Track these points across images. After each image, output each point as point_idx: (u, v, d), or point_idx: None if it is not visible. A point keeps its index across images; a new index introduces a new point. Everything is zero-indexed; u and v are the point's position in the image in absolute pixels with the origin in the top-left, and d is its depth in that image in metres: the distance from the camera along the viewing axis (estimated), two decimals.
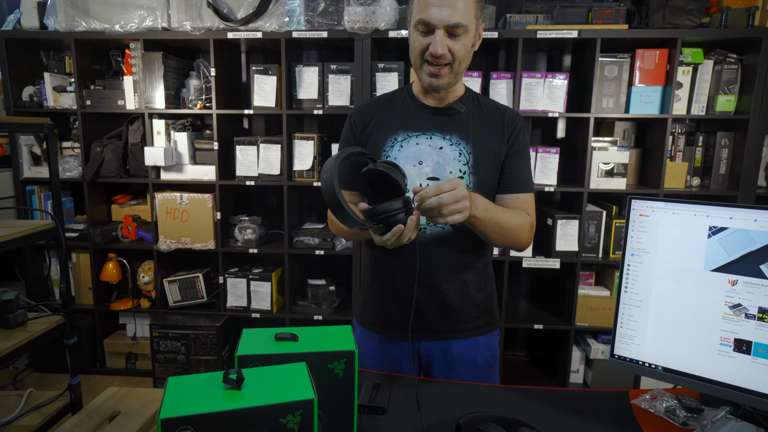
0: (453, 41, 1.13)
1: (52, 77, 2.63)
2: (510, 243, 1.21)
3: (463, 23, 1.11)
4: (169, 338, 2.58)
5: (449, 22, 1.10)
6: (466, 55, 1.17)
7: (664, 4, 2.19)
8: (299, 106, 2.53)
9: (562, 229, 2.46)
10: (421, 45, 1.15)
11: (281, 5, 2.35)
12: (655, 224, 1.00)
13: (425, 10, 1.11)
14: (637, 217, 1.03)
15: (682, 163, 2.45)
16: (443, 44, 1.11)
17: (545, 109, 2.40)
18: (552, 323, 2.59)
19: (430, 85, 1.17)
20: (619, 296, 1.06)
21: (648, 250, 1.01)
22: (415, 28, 1.16)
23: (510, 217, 1.18)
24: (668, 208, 0.99)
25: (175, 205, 2.58)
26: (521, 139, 1.26)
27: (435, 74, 1.15)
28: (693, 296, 0.96)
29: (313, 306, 2.68)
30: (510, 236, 1.19)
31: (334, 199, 0.92)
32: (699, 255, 0.95)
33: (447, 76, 1.16)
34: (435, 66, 1.14)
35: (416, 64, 1.19)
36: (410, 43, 1.19)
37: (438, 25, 1.10)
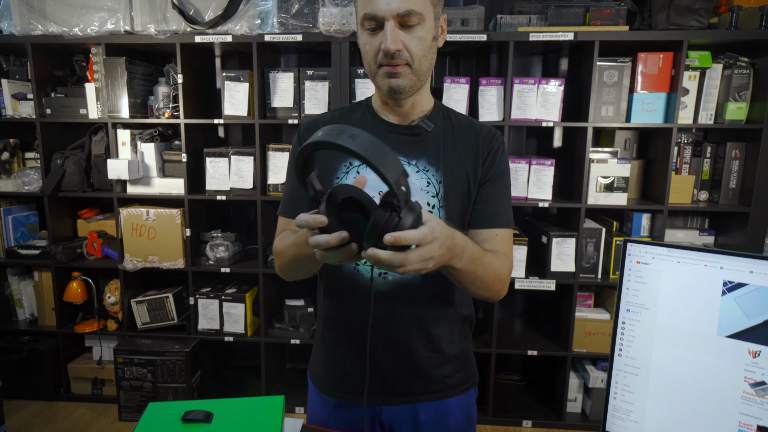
0: (408, 34, 0.93)
1: (11, 84, 2.46)
2: (487, 295, 1.01)
3: (417, 10, 0.92)
4: (134, 364, 2.40)
5: (399, 10, 0.91)
6: (427, 51, 0.97)
7: (669, 4, 1.99)
8: (273, 115, 2.35)
9: (558, 247, 2.26)
10: (373, 46, 0.95)
11: (252, 6, 2.17)
12: (656, 274, 0.81)
13: (369, 3, 0.92)
14: (634, 265, 0.83)
15: (688, 176, 2.25)
16: (396, 38, 0.92)
17: (539, 118, 2.21)
18: (547, 348, 2.39)
19: (390, 89, 0.97)
20: (612, 359, 0.86)
21: (647, 305, 0.82)
22: (362, 27, 0.97)
23: (495, 267, 0.97)
24: (672, 255, 0.79)
25: (141, 222, 2.40)
26: (499, 163, 1.07)
27: (393, 74, 0.95)
28: (704, 367, 0.76)
29: (291, 329, 2.49)
30: (488, 287, 0.98)
31: (377, 144, 0.67)
32: (711, 316, 0.76)
33: (408, 77, 0.96)
34: (391, 65, 0.95)
35: (371, 71, 0.99)
36: (361, 48, 1.00)
37: (386, 16, 0.91)
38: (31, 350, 2.52)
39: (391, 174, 0.65)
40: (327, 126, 0.71)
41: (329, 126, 0.71)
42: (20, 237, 2.63)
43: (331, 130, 0.69)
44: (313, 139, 0.70)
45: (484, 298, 1.02)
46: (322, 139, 0.68)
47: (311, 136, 0.71)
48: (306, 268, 1.01)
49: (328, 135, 0.68)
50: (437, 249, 0.75)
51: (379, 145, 0.67)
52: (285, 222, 1.11)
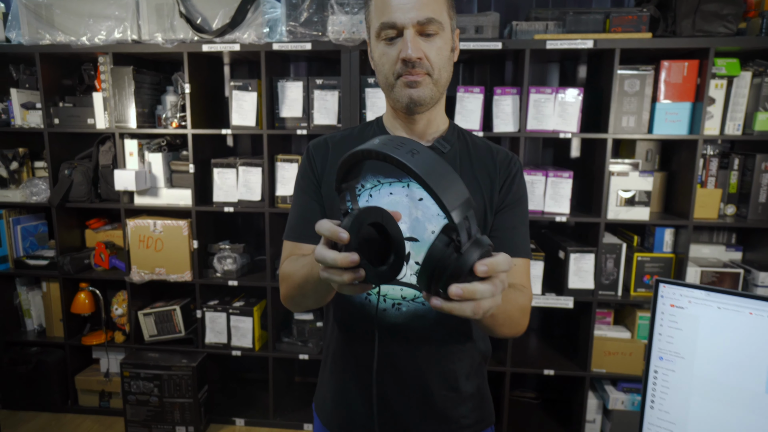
0: (427, 43, 0.89)
1: (20, 93, 2.44)
2: (510, 333, 0.94)
3: (437, 18, 0.88)
4: (141, 378, 2.36)
5: (419, 17, 0.87)
6: (446, 62, 0.92)
7: (695, 9, 1.89)
8: (282, 125, 2.29)
9: (576, 263, 2.17)
10: (390, 57, 0.90)
11: (260, 14, 2.12)
12: (692, 320, 0.73)
13: (387, 11, 0.88)
14: (667, 308, 0.75)
15: (714, 189, 2.14)
16: (417, 46, 0.87)
17: (556, 129, 2.12)
18: (565, 368, 2.30)
19: (410, 100, 0.91)
20: (643, 412, 0.78)
21: (683, 354, 0.74)
22: (377, 38, 0.91)
23: (520, 303, 0.91)
24: (712, 300, 0.71)
25: (149, 233, 2.37)
26: (517, 189, 0.99)
27: (413, 83, 0.89)
28: (749, 428, 0.68)
29: (299, 343, 2.43)
30: (514, 326, 0.92)
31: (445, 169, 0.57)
32: (758, 371, 0.67)
33: (428, 87, 0.91)
34: (412, 74, 0.89)
35: (388, 84, 0.93)
36: (375, 61, 0.94)
37: (406, 24, 0.87)
38: (38, 362, 2.50)
39: (451, 201, 0.55)
40: (386, 136, 0.64)
41: (388, 136, 0.64)
42: (29, 247, 2.61)
43: (390, 141, 0.61)
44: (367, 147, 0.62)
45: (505, 336, 0.95)
46: (377, 148, 0.60)
47: (365, 144, 0.64)
48: (317, 295, 0.90)
49: (384, 145, 0.60)
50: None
51: (441, 166, 0.58)
52: (292, 246, 1.04)
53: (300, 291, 0.92)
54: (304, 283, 0.88)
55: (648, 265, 2.20)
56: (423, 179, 0.55)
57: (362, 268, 0.64)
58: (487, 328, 0.90)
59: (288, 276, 0.95)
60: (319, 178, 1.02)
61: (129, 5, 2.17)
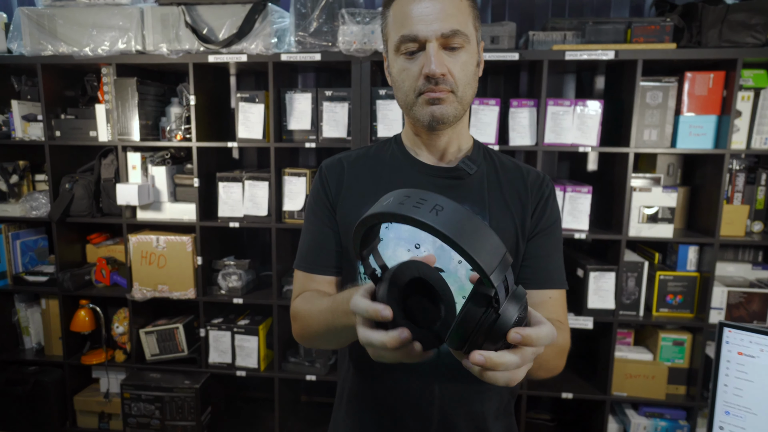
0: (452, 58, 0.81)
1: (21, 105, 2.37)
2: (547, 375, 0.87)
3: (462, 31, 0.80)
4: (142, 400, 2.27)
5: (443, 30, 0.79)
6: (471, 78, 0.84)
7: (722, 19, 1.82)
8: (290, 138, 2.22)
9: (596, 282, 2.08)
10: (411, 73, 0.82)
11: (268, 24, 2.06)
12: (765, 371, 0.64)
13: (407, 23, 0.80)
14: (734, 357, 0.66)
15: (741, 206, 2.05)
16: (440, 61, 0.79)
17: (575, 143, 2.04)
18: (583, 391, 2.20)
19: (432, 118, 0.83)
20: None
21: (755, 410, 0.64)
22: (397, 52, 0.83)
23: (560, 344, 0.84)
24: None
25: (151, 249, 2.29)
26: (551, 213, 0.91)
27: (436, 100, 0.82)
28: None
29: (306, 364, 2.34)
30: (552, 368, 0.86)
31: (476, 223, 0.51)
32: None
33: (452, 104, 0.83)
34: (435, 91, 0.81)
35: (408, 102, 0.85)
36: (394, 77, 0.86)
37: (429, 37, 0.79)
38: (36, 382, 2.41)
39: (488, 261, 0.50)
40: (400, 190, 0.56)
41: (403, 191, 0.56)
42: (29, 262, 2.54)
43: (408, 199, 0.53)
44: (383, 209, 0.54)
45: (544, 378, 0.87)
46: (394, 210, 0.53)
47: (379, 204, 0.56)
48: (340, 341, 0.85)
49: (402, 205, 0.53)
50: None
51: (471, 222, 0.51)
52: (305, 278, 0.96)
53: (319, 336, 0.86)
54: (325, 331, 0.81)
55: (671, 284, 2.11)
56: (454, 241, 0.49)
57: (416, 340, 0.57)
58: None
59: (304, 318, 0.88)
60: (333, 202, 0.94)
61: (133, 15, 2.11)
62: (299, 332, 0.93)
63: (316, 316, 0.84)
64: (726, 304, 2.05)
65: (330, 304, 0.79)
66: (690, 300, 2.10)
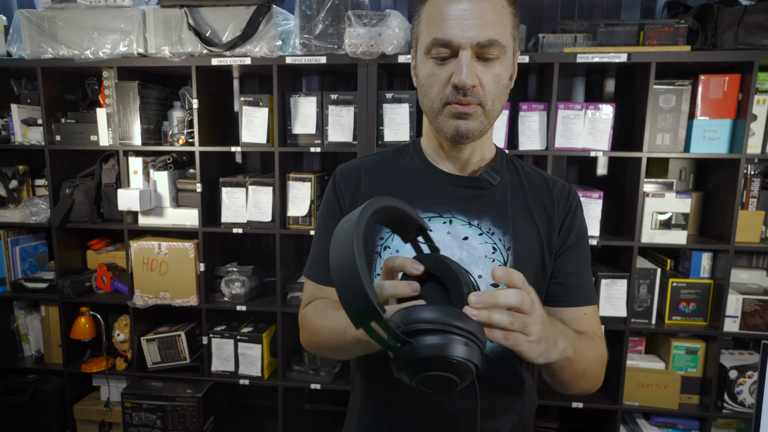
0: (485, 68, 0.75)
1: (21, 109, 2.33)
2: (589, 387, 0.84)
3: (499, 41, 0.74)
4: (143, 410, 2.22)
5: (480, 38, 0.73)
6: (502, 91, 0.78)
7: (738, 21, 1.77)
8: (294, 142, 2.18)
9: (607, 290, 2.03)
10: (440, 79, 0.76)
11: (273, 27, 2.01)
12: None
13: (442, 26, 0.74)
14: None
15: (757, 212, 2.01)
16: (472, 72, 0.73)
17: (586, 147, 2.00)
18: (594, 400, 2.16)
19: (456, 132, 0.78)
20: None
21: None
22: (427, 55, 0.77)
23: (594, 350, 0.81)
24: None
25: (153, 255, 2.24)
26: (579, 228, 0.87)
27: (463, 114, 0.76)
28: None
29: (311, 372, 2.29)
30: (594, 377, 0.83)
31: (351, 272, 0.51)
32: None
33: (479, 119, 0.78)
34: (462, 104, 0.76)
35: (433, 109, 0.80)
36: (421, 79, 0.80)
37: (464, 44, 0.73)
38: (35, 391, 2.36)
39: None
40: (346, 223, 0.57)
41: (343, 223, 0.57)
42: (28, 268, 2.50)
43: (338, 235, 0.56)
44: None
45: (583, 391, 0.84)
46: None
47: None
48: (350, 353, 0.81)
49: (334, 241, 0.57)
50: (533, 303, 0.62)
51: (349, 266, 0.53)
52: (315, 288, 0.92)
53: (330, 348, 0.83)
54: (337, 343, 0.78)
55: (684, 292, 2.06)
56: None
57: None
58: (564, 382, 0.79)
59: (315, 328, 0.85)
60: (346, 210, 0.90)
61: (135, 18, 2.07)
62: (308, 341, 0.90)
63: (328, 327, 0.81)
64: (741, 312, 2.00)
65: (344, 320, 0.75)
66: (703, 308, 2.06)
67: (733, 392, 2.02)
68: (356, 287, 0.50)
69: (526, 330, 0.60)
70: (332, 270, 0.53)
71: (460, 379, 0.56)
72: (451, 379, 0.55)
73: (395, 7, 2.38)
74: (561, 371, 0.75)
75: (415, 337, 0.53)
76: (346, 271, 0.51)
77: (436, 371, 0.54)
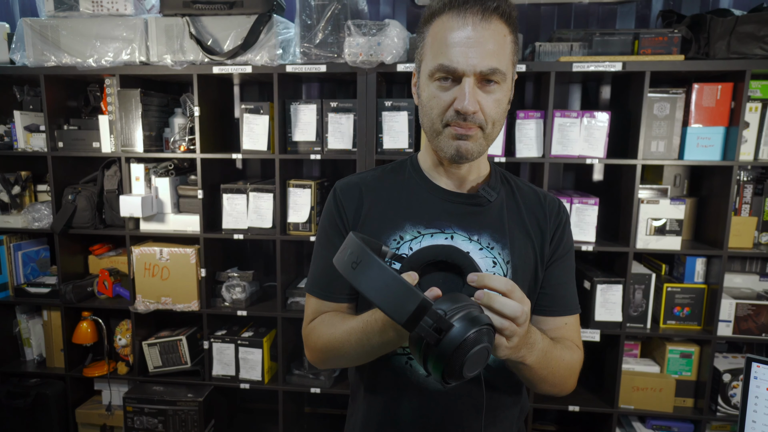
0: (486, 94, 0.79)
1: (24, 116, 2.36)
2: (555, 391, 0.86)
3: (501, 69, 0.77)
4: (144, 414, 2.25)
5: (483, 67, 0.76)
6: (502, 115, 0.82)
7: (730, 31, 1.81)
8: (294, 149, 2.21)
9: (603, 295, 2.07)
10: (442, 102, 0.80)
11: (273, 36, 2.04)
12: None
13: (446, 53, 0.77)
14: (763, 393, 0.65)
15: (749, 217, 2.04)
16: (474, 99, 0.77)
17: (582, 154, 2.03)
18: (590, 403, 2.19)
19: (457, 153, 0.82)
20: None
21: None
22: (430, 78, 0.81)
23: (567, 360, 0.84)
24: None
25: (154, 261, 2.27)
26: (567, 240, 0.91)
27: (463, 136, 0.80)
28: None
29: (311, 376, 2.32)
30: (559, 384, 0.85)
31: (391, 280, 0.62)
32: None
33: (479, 141, 0.81)
34: (463, 127, 0.79)
35: (434, 130, 0.83)
36: (423, 101, 0.83)
37: (468, 72, 0.76)
38: (37, 395, 2.38)
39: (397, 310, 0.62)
40: (352, 242, 0.69)
41: (351, 244, 0.69)
42: (30, 273, 2.52)
43: (350, 254, 0.67)
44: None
45: (548, 394, 0.87)
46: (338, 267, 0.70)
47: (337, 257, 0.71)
48: (369, 357, 0.85)
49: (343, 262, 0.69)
50: (526, 318, 0.69)
51: (382, 274, 0.63)
52: (317, 303, 0.94)
53: (346, 357, 0.87)
54: (357, 350, 0.82)
55: (678, 296, 2.09)
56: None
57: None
58: (528, 381, 0.84)
59: (328, 341, 0.87)
60: (349, 227, 0.92)
61: (137, 26, 2.09)
62: (319, 354, 0.91)
63: (341, 337, 0.84)
64: (734, 316, 2.03)
65: (361, 325, 0.80)
66: (698, 312, 2.09)
67: (727, 395, 2.05)
68: (403, 290, 0.60)
69: (511, 337, 0.67)
70: (366, 289, 0.61)
71: (491, 345, 0.65)
72: (489, 348, 0.64)
73: (394, 16, 2.41)
74: (518, 371, 0.80)
75: (454, 322, 0.61)
76: (383, 283, 0.60)
77: (479, 345, 0.61)
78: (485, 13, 0.76)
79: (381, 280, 0.60)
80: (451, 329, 0.60)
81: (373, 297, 0.60)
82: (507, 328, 0.66)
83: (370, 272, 0.61)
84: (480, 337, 0.61)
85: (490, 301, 0.65)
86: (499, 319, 0.66)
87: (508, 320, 0.66)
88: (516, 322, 0.66)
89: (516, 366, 0.78)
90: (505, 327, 0.66)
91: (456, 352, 0.60)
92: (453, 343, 0.60)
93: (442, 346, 0.60)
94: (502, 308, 0.65)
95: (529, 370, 0.78)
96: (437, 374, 0.62)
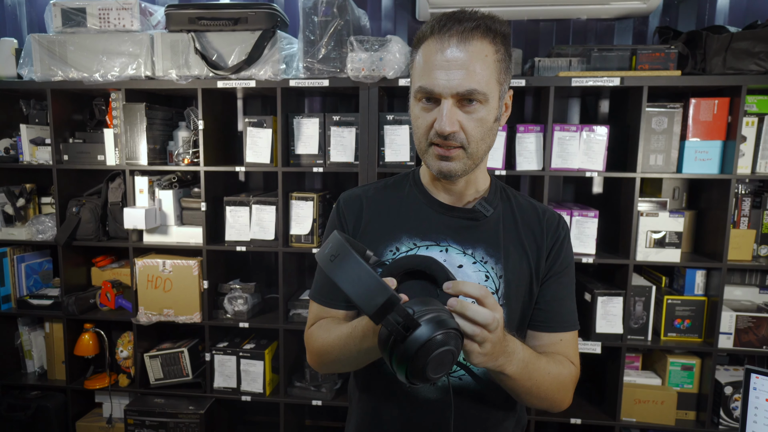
0: (467, 115, 0.81)
1: (30, 129, 2.39)
2: (545, 405, 0.86)
3: (480, 90, 0.79)
4: (145, 426, 2.24)
5: (459, 89, 0.78)
6: (486, 133, 0.83)
7: (726, 47, 1.84)
8: (297, 162, 2.23)
9: (604, 307, 2.07)
10: (425, 121, 0.83)
11: (277, 51, 2.08)
12: None
13: (426, 75, 0.80)
14: (762, 403, 0.66)
15: (748, 230, 2.06)
16: (452, 119, 0.79)
17: (582, 167, 2.05)
18: (592, 416, 2.18)
19: (440, 172, 0.85)
20: None
21: None
22: (416, 99, 0.84)
23: (554, 374, 0.83)
24: None
25: (157, 273, 2.28)
26: (565, 256, 0.92)
27: (445, 156, 0.83)
28: None
29: (312, 389, 2.32)
30: (547, 397, 0.85)
31: (339, 244, 0.67)
32: None
33: (461, 160, 0.83)
34: (444, 147, 0.82)
35: (421, 147, 0.86)
36: (412, 119, 0.87)
37: (444, 94, 0.79)
38: (38, 407, 2.38)
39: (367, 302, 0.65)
40: (334, 239, 0.70)
41: (332, 240, 0.70)
42: (33, 285, 2.53)
43: (329, 246, 0.69)
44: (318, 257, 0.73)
45: (542, 409, 0.88)
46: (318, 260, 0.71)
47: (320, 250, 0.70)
48: (358, 363, 0.87)
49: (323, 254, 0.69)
50: (498, 325, 0.70)
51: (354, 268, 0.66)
52: (319, 310, 0.97)
53: (337, 361, 0.89)
54: (345, 355, 0.84)
55: (679, 309, 2.10)
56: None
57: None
58: (513, 392, 0.84)
59: (322, 345, 0.90)
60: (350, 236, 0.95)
61: (144, 42, 2.13)
62: (316, 358, 0.94)
63: (332, 342, 0.87)
64: (734, 328, 2.04)
65: (349, 330, 0.83)
66: (698, 324, 2.10)
67: (729, 408, 2.05)
68: (374, 283, 0.62)
69: (482, 343, 0.69)
70: (340, 280, 0.64)
71: (457, 350, 0.67)
72: (454, 351, 0.65)
73: (396, 32, 2.45)
74: (501, 382, 0.81)
75: (421, 322, 0.64)
76: (356, 275, 0.63)
77: (443, 347, 0.63)
78: (463, 33, 0.78)
79: (354, 273, 0.63)
80: (417, 328, 0.62)
81: (346, 288, 0.63)
82: (478, 335, 0.68)
83: (346, 265, 0.64)
84: (446, 340, 0.63)
85: (462, 308, 0.67)
86: (470, 325, 0.68)
87: (480, 327, 0.68)
88: (487, 328, 0.67)
89: (498, 377, 0.78)
90: (477, 333, 0.68)
91: (420, 351, 0.62)
92: (417, 342, 0.62)
93: (407, 344, 0.62)
94: (474, 315, 0.67)
95: (512, 381, 0.78)
96: (401, 373, 0.65)
